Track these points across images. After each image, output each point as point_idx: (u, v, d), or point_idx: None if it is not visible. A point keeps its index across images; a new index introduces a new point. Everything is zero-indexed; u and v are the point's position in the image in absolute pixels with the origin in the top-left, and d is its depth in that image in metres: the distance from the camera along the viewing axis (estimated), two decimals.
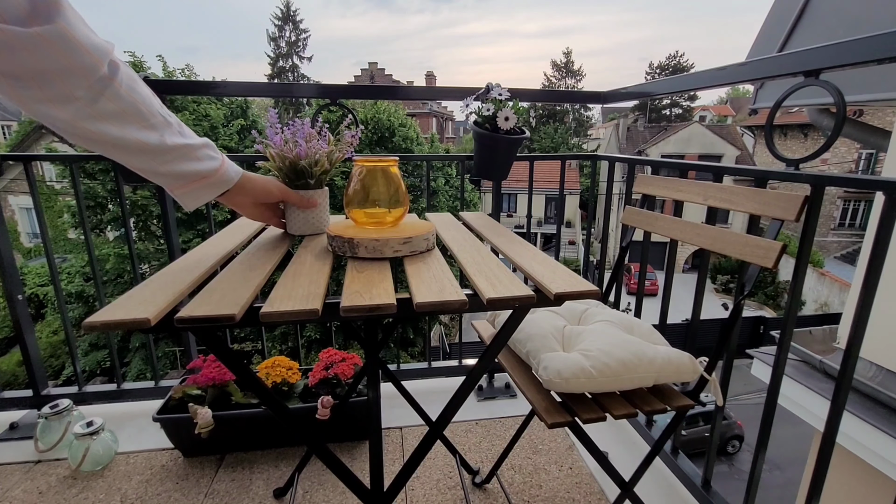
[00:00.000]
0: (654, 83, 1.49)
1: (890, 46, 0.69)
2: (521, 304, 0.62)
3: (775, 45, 2.90)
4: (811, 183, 0.82)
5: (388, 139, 10.86)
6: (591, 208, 2.12)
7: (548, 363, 0.82)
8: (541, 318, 1.00)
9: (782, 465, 7.19)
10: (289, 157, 0.89)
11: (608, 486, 1.27)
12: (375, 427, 0.76)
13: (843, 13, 2.56)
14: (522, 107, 1.42)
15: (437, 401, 0.89)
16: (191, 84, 1.59)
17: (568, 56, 31.12)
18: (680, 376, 0.85)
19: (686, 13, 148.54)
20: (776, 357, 0.94)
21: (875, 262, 0.75)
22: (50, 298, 10.83)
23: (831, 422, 0.83)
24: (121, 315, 0.52)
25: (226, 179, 0.72)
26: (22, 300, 1.47)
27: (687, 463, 1.27)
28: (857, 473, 1.92)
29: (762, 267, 0.78)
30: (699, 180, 1.02)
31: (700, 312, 1.22)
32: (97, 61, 0.53)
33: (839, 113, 0.77)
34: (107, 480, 1.28)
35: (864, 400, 1.86)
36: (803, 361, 2.19)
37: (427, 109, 28.13)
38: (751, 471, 1.01)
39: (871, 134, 2.95)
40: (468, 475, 1.32)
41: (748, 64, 1.03)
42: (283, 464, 1.35)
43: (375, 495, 0.74)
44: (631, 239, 1.22)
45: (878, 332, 1.88)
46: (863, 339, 0.78)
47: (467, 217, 1.15)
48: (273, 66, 26.63)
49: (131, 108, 0.58)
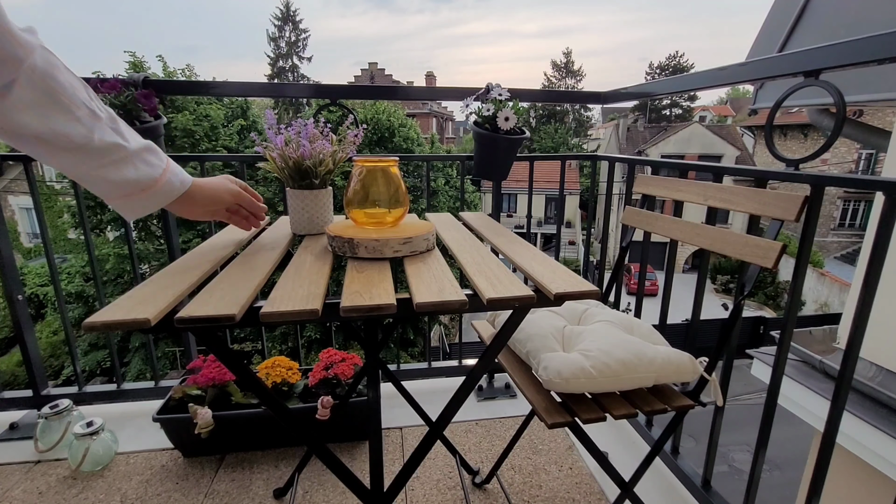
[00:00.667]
0: (654, 83, 1.49)
1: (889, 47, 0.69)
2: (521, 304, 0.62)
3: (775, 45, 2.90)
4: (811, 183, 0.82)
5: (387, 139, 10.87)
6: (591, 208, 2.11)
7: (548, 363, 0.82)
8: (541, 319, 1.00)
9: (782, 465, 7.19)
10: (293, 158, 0.89)
11: (608, 486, 1.27)
12: (375, 427, 0.76)
13: (843, 14, 2.56)
14: (522, 107, 1.42)
15: (437, 401, 0.89)
16: (190, 84, 1.59)
17: (568, 56, 31.15)
18: (680, 376, 0.85)
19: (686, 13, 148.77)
20: (776, 357, 0.93)
21: (875, 263, 0.75)
22: (50, 298, 10.83)
23: (831, 422, 0.83)
24: (121, 315, 0.52)
25: (167, 191, 0.64)
26: (22, 300, 1.47)
27: (687, 463, 1.27)
28: (857, 473, 1.92)
29: (762, 267, 0.78)
30: (699, 180, 1.02)
31: (700, 312, 1.22)
32: (11, 44, 0.49)
33: (839, 113, 0.77)
34: (107, 480, 1.28)
35: (863, 400, 1.86)
36: (803, 361, 2.19)
37: (427, 110, 28.13)
38: (751, 471, 1.01)
39: (870, 134, 2.95)
40: (468, 475, 1.32)
41: (748, 64, 1.03)
42: (283, 464, 1.35)
43: (375, 495, 0.74)
44: (631, 239, 1.22)
45: (878, 332, 1.88)
46: (863, 339, 0.78)
47: (467, 217, 1.15)
48: (273, 66, 26.63)
49: (49, 97, 0.52)
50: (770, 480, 6.92)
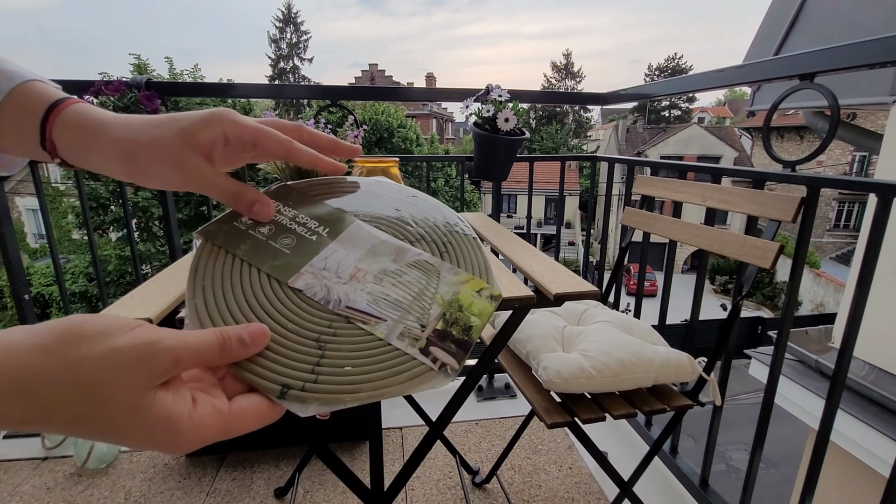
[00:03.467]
0: (653, 84, 1.51)
1: (881, 51, 0.70)
2: (521, 304, 0.63)
3: (771, 48, 2.92)
4: (807, 184, 0.83)
5: (386, 140, 10.89)
6: (591, 209, 2.13)
7: (547, 363, 0.83)
8: (540, 319, 1.00)
9: (778, 463, 7.22)
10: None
11: (607, 485, 1.28)
12: (375, 427, 0.77)
13: (836, 18, 2.58)
14: (522, 108, 1.43)
15: (437, 401, 0.90)
16: (192, 86, 1.60)
17: (568, 57, 31.22)
18: (679, 376, 0.86)
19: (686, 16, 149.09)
20: (773, 357, 0.95)
21: (868, 263, 0.76)
22: (55, 298, 10.84)
23: (825, 419, 0.84)
24: (123, 314, 0.53)
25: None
26: (28, 300, 1.48)
27: (685, 462, 1.28)
28: (850, 470, 1.93)
29: (760, 267, 0.79)
30: (698, 181, 1.03)
31: (699, 313, 1.23)
32: None
33: (833, 115, 0.79)
34: (111, 478, 1.29)
35: (857, 398, 1.87)
36: (800, 361, 2.20)
37: (427, 111, 28.15)
38: (747, 469, 1.02)
39: (864, 136, 2.98)
40: (468, 475, 1.32)
41: (745, 66, 1.04)
42: (284, 463, 1.36)
43: (375, 495, 0.75)
44: (630, 240, 1.23)
45: (872, 331, 1.90)
46: (857, 338, 0.79)
47: (467, 217, 1.16)
48: (274, 67, 26.63)
49: None
50: (766, 479, 6.95)
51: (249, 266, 0.32)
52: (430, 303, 0.32)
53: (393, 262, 0.34)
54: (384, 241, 0.35)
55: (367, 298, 0.31)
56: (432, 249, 0.36)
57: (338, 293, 0.31)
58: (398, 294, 0.32)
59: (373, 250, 0.34)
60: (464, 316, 0.32)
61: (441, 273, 0.34)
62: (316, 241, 0.34)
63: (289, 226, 0.35)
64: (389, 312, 0.31)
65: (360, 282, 0.32)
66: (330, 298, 0.31)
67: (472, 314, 0.32)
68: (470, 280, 0.34)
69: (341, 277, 0.32)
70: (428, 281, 0.33)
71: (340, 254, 0.34)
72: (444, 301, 0.32)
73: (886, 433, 1.65)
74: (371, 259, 0.34)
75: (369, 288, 0.32)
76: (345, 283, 0.32)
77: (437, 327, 0.31)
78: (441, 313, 0.32)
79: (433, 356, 0.30)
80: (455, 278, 0.34)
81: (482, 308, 0.33)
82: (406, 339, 0.30)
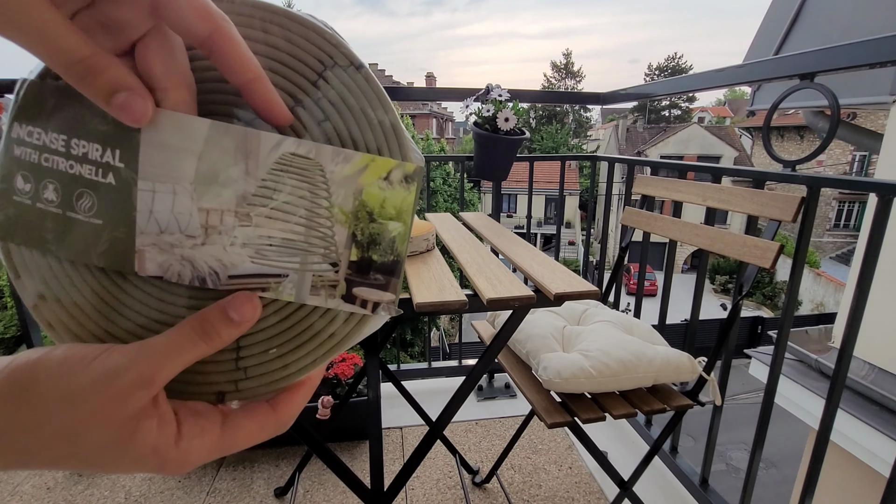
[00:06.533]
0: (653, 84, 1.51)
1: (881, 51, 0.70)
2: (521, 304, 0.63)
3: (771, 48, 2.92)
4: (807, 184, 0.83)
5: None
6: (591, 209, 2.13)
7: (547, 363, 0.83)
8: (540, 319, 1.00)
9: (778, 462, 7.22)
10: None
11: (607, 485, 1.28)
12: (375, 427, 0.77)
13: (836, 18, 2.59)
14: (522, 108, 1.43)
15: (437, 401, 0.90)
16: None
17: (568, 57, 31.20)
18: (679, 376, 0.86)
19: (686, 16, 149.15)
20: (773, 357, 0.95)
21: (868, 263, 0.76)
22: None
23: (825, 419, 0.84)
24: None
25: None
26: None
27: (685, 462, 1.28)
28: (850, 470, 1.93)
29: (760, 267, 0.79)
30: (698, 181, 1.03)
31: (699, 313, 1.23)
32: None
33: (833, 115, 0.79)
34: (111, 478, 1.29)
35: (857, 398, 1.87)
36: (800, 361, 2.20)
37: (427, 110, 28.15)
38: (747, 469, 1.02)
39: (864, 136, 2.98)
40: (468, 475, 1.32)
41: (745, 66, 1.04)
42: (284, 463, 1.36)
43: (375, 495, 0.75)
44: (630, 239, 1.23)
45: (872, 331, 1.90)
46: (857, 338, 0.79)
47: (467, 217, 1.16)
48: None
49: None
50: (766, 478, 6.95)
51: (73, 265, 0.22)
52: (330, 224, 0.22)
53: (245, 175, 0.21)
54: (209, 138, 0.20)
55: (246, 254, 0.21)
56: (294, 113, 0.22)
57: (206, 263, 0.21)
58: (281, 229, 0.22)
59: (203, 165, 0.21)
60: (378, 226, 0.22)
61: (325, 168, 0.21)
62: (117, 186, 0.21)
63: (71, 171, 0.21)
64: (285, 262, 0.22)
65: (222, 232, 0.21)
66: (202, 274, 0.22)
67: (388, 219, 0.22)
68: (370, 163, 0.22)
69: (193, 236, 0.21)
70: (312, 189, 0.21)
71: (163, 195, 0.21)
72: (345, 214, 0.22)
73: (886, 433, 1.66)
74: (211, 184, 0.21)
75: (241, 237, 0.21)
76: (204, 244, 0.21)
77: (352, 258, 0.22)
78: (349, 235, 0.22)
79: (361, 299, 0.23)
80: (347, 169, 0.21)
81: (399, 202, 0.22)
82: (322, 290, 0.22)
